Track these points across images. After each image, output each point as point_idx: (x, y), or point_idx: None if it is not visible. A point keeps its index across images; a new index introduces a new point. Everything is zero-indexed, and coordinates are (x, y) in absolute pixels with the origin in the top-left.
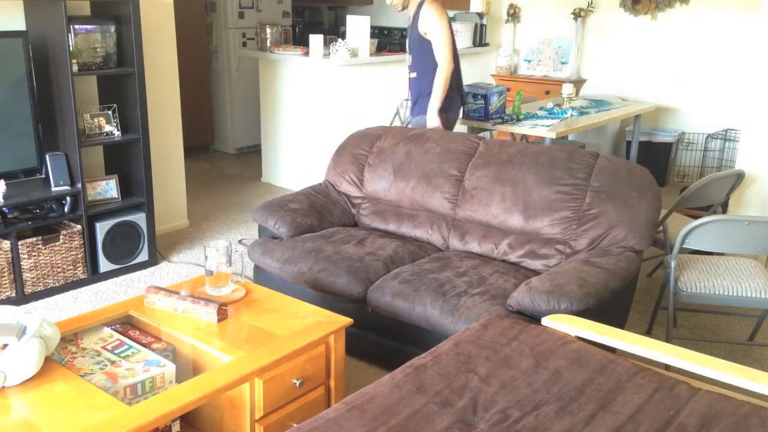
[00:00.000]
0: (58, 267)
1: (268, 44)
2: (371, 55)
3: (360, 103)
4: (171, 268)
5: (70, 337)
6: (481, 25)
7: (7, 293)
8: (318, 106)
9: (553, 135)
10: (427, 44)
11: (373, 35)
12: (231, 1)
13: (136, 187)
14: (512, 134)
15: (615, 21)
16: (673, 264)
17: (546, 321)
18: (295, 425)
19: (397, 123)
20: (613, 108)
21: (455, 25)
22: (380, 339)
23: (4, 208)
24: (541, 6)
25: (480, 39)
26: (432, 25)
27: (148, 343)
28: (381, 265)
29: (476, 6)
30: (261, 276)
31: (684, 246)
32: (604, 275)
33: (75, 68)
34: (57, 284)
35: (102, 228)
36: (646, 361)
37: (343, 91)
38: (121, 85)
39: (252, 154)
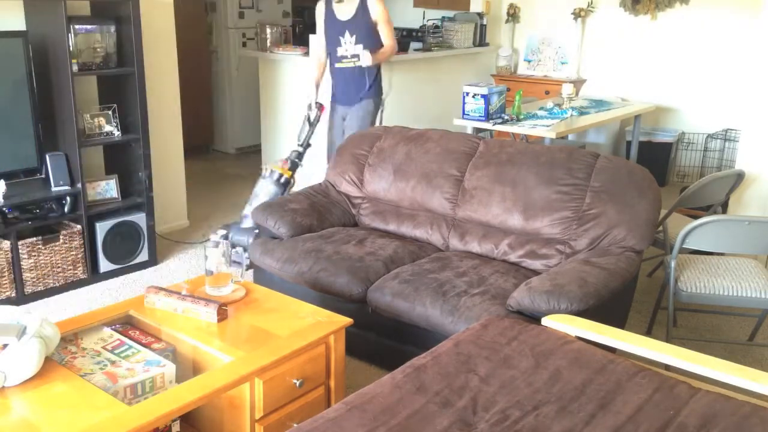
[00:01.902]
0: (58, 267)
1: (268, 44)
2: None
3: None
4: (171, 268)
5: (70, 337)
6: (481, 25)
7: (7, 293)
8: None
9: (553, 135)
10: (375, 31)
11: None
12: (231, 1)
13: (136, 187)
14: (512, 134)
15: (615, 21)
16: (673, 264)
17: (546, 321)
18: (295, 425)
19: (306, 130)
20: (613, 108)
21: (455, 25)
22: (380, 339)
23: (4, 208)
24: (541, 6)
25: (480, 39)
26: (381, 11)
27: (148, 343)
28: (381, 265)
29: (476, 6)
30: (261, 276)
31: (684, 246)
32: (604, 275)
33: (75, 68)
34: (57, 284)
35: (102, 228)
36: (646, 361)
37: None
38: (121, 85)
39: (252, 154)
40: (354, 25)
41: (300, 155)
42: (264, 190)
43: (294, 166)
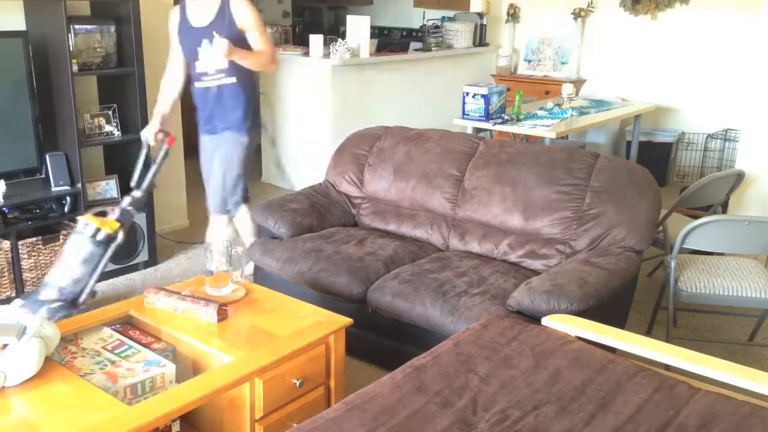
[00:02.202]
0: None
1: None
2: (371, 55)
3: (360, 103)
4: (171, 268)
5: (70, 337)
6: (481, 25)
7: (7, 293)
8: (318, 106)
9: (553, 135)
10: (243, 42)
11: (373, 35)
12: None
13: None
14: (512, 134)
15: (615, 21)
16: (673, 264)
17: (546, 321)
18: (295, 425)
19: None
20: (613, 108)
21: (455, 25)
22: (380, 339)
23: (4, 208)
24: (541, 6)
25: (480, 39)
26: (250, 15)
27: (148, 343)
28: (381, 265)
29: (476, 6)
30: (261, 276)
31: (684, 246)
32: (604, 275)
33: (75, 68)
34: None
35: None
36: (646, 361)
37: (343, 91)
38: (121, 85)
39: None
40: (213, 33)
41: (137, 201)
42: (74, 249)
43: (125, 218)
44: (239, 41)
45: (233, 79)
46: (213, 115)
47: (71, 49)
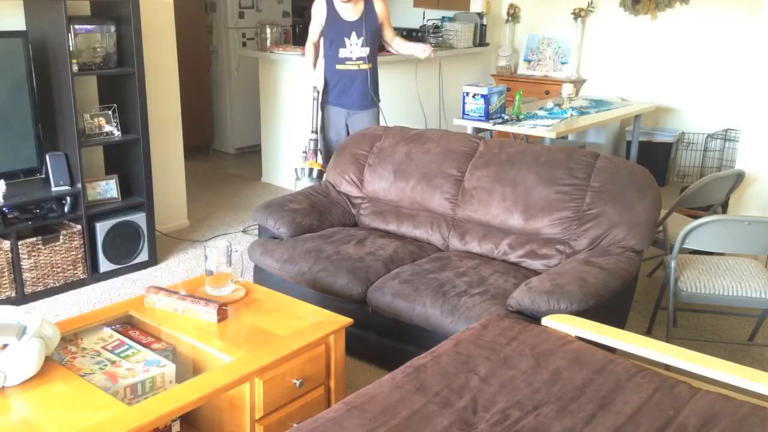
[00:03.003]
0: (58, 267)
1: (268, 44)
2: None
3: None
4: (171, 268)
5: (70, 337)
6: (481, 25)
7: (7, 293)
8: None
9: (553, 135)
10: (380, 32)
11: None
12: (231, 1)
13: (136, 187)
14: (512, 134)
15: (615, 21)
16: (673, 264)
17: (546, 321)
18: (295, 425)
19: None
20: (613, 108)
21: (455, 25)
22: (380, 339)
23: (4, 208)
24: (541, 6)
25: (480, 39)
26: (386, 10)
27: (148, 343)
28: (381, 265)
29: (476, 6)
30: (261, 276)
31: (684, 246)
32: (604, 275)
33: (75, 68)
34: (57, 284)
35: (102, 228)
36: (646, 361)
37: None
38: (121, 85)
39: (252, 154)
40: (362, 27)
41: (317, 142)
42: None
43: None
44: (379, 31)
45: (370, 65)
46: (353, 91)
47: (71, 49)
